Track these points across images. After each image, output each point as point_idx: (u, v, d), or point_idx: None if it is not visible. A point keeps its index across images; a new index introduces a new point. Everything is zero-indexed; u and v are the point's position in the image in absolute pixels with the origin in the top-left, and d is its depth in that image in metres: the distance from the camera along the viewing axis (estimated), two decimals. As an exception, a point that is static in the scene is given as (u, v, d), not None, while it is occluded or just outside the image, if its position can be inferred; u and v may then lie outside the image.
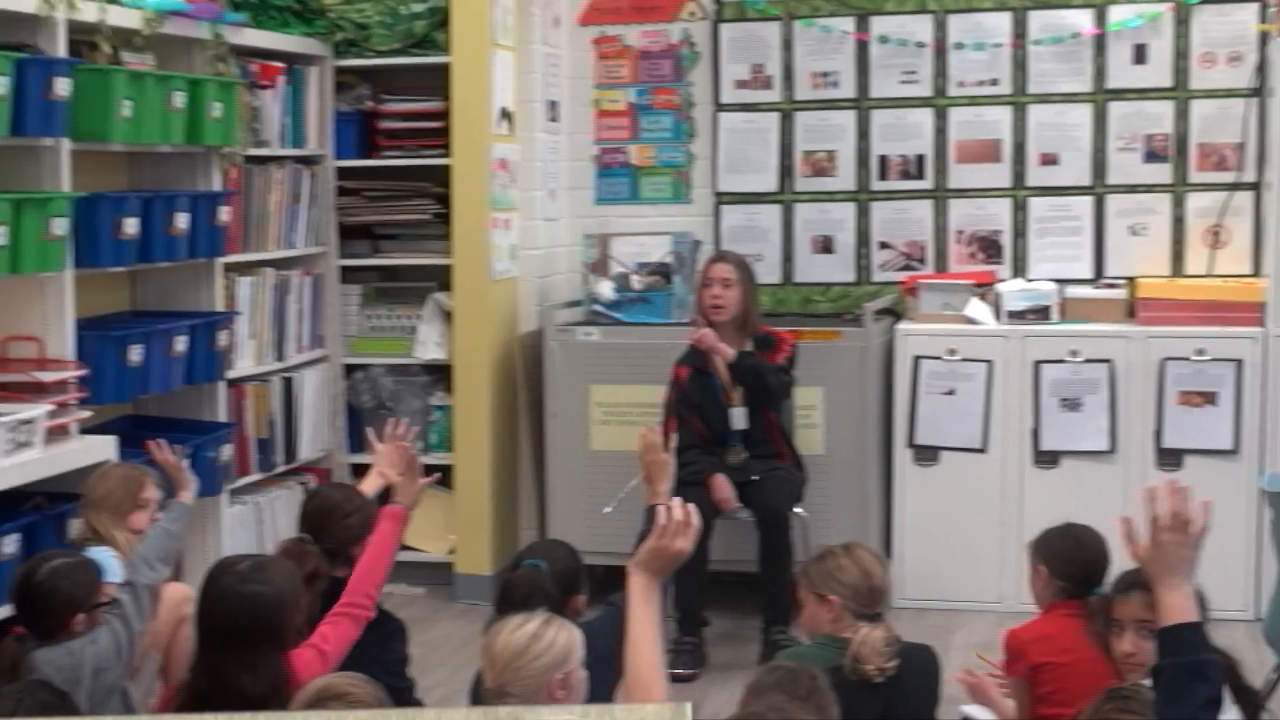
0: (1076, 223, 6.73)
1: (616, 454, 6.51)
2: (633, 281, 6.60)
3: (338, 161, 6.71)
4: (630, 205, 7.10)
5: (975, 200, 6.80)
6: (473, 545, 6.59)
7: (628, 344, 6.50)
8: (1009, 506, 6.31)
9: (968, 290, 6.50)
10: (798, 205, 6.96)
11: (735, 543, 6.17)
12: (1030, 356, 6.29)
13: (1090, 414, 6.24)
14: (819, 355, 6.30)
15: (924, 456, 6.38)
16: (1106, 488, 6.21)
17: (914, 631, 5.70)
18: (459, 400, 6.59)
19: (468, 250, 6.51)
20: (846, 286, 6.92)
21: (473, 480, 6.57)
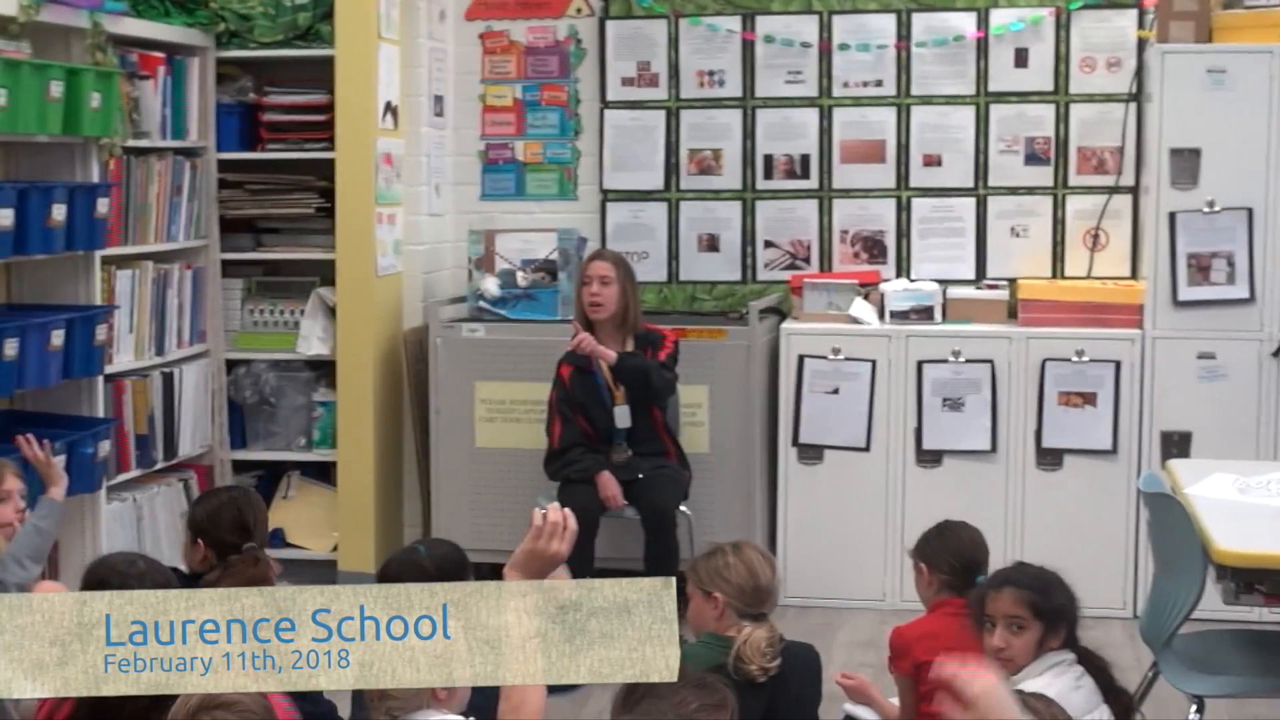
0: (959, 224, 6.78)
1: (501, 451, 6.49)
2: (518, 278, 6.56)
3: (220, 154, 6.61)
4: (516, 201, 7.06)
5: (859, 200, 6.84)
6: (356, 543, 6.52)
7: (513, 341, 6.46)
8: (892, 505, 6.35)
9: (852, 290, 6.53)
10: (683, 203, 6.96)
11: (621, 540, 6.15)
12: (913, 356, 6.33)
13: (972, 414, 6.29)
14: (704, 353, 6.30)
15: (808, 455, 6.41)
16: (988, 487, 6.27)
17: (798, 629, 5.73)
18: (343, 396, 6.52)
19: (352, 245, 6.44)
20: (732, 285, 6.93)
21: (356, 477, 6.51)
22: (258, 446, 6.79)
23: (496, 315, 6.54)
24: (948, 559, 4.31)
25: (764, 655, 3.69)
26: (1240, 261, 6.09)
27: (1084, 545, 6.15)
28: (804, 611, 6.31)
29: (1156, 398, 6.19)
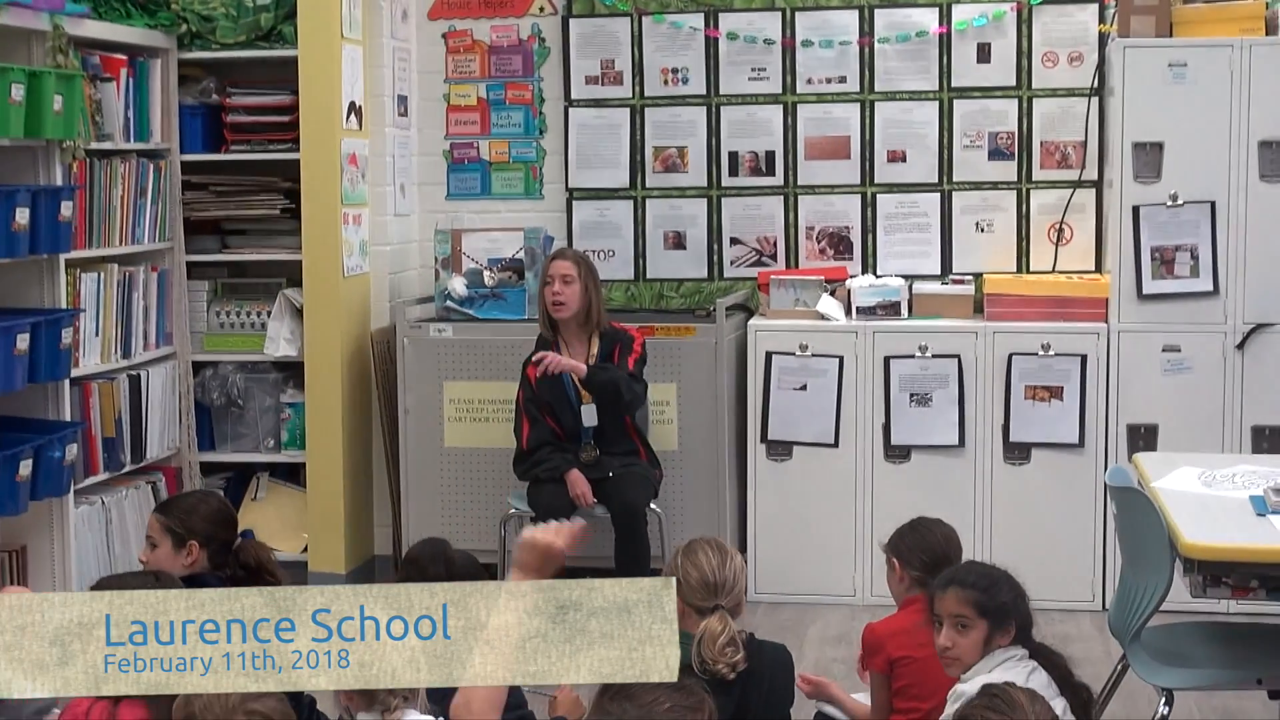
0: (924, 219, 6.79)
1: (470, 451, 6.47)
2: (485, 277, 6.55)
3: (184, 155, 6.57)
4: (482, 200, 7.04)
5: (825, 197, 6.84)
6: (326, 544, 6.50)
7: (481, 340, 6.45)
8: (861, 500, 6.35)
9: (819, 286, 6.53)
10: (649, 201, 6.94)
11: (591, 539, 6.13)
12: (880, 352, 6.33)
13: (939, 409, 6.29)
14: (672, 351, 6.30)
15: (777, 451, 6.41)
16: (956, 481, 6.28)
17: (768, 626, 5.73)
18: (311, 398, 6.49)
19: (318, 246, 6.42)
20: (699, 282, 6.93)
21: (326, 478, 6.48)
22: (226, 448, 6.77)
23: (464, 315, 6.52)
24: (919, 555, 4.31)
25: (724, 650, 3.68)
26: (1204, 254, 6.12)
27: (1052, 539, 6.17)
28: (775, 608, 6.31)
29: (1122, 391, 6.21)
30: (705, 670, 3.66)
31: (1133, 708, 4.56)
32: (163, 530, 4.36)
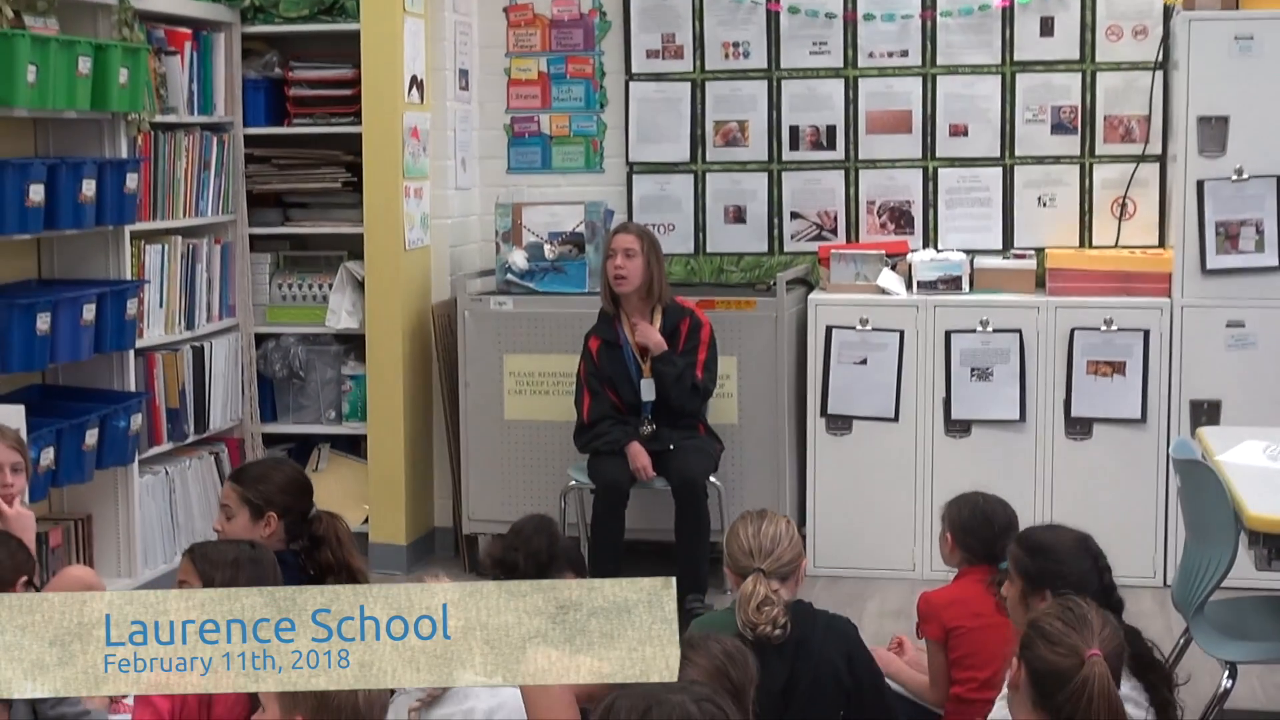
0: (986, 194, 6.75)
1: (530, 424, 6.49)
2: (546, 251, 6.55)
3: (247, 129, 6.61)
4: (543, 174, 7.05)
5: (886, 171, 6.81)
6: (387, 515, 6.54)
7: (541, 313, 6.46)
8: (921, 475, 6.34)
9: (879, 260, 6.51)
10: (709, 175, 6.94)
11: (651, 512, 6.15)
12: (941, 326, 6.31)
13: (1000, 383, 6.27)
14: (732, 325, 6.29)
15: (837, 426, 6.40)
16: (1016, 456, 6.25)
17: (827, 599, 5.73)
18: (372, 370, 6.52)
19: (380, 219, 6.44)
20: (759, 256, 6.91)
21: (387, 450, 6.52)
22: (288, 420, 6.81)
23: (524, 288, 6.54)
24: (971, 539, 4.30)
25: (761, 610, 3.69)
26: (1269, 229, 6.06)
27: (1113, 514, 6.14)
28: (834, 582, 6.31)
29: (1185, 366, 6.16)
30: (752, 633, 3.69)
31: (1195, 682, 4.53)
32: (239, 500, 4.27)
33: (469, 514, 6.55)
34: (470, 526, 6.57)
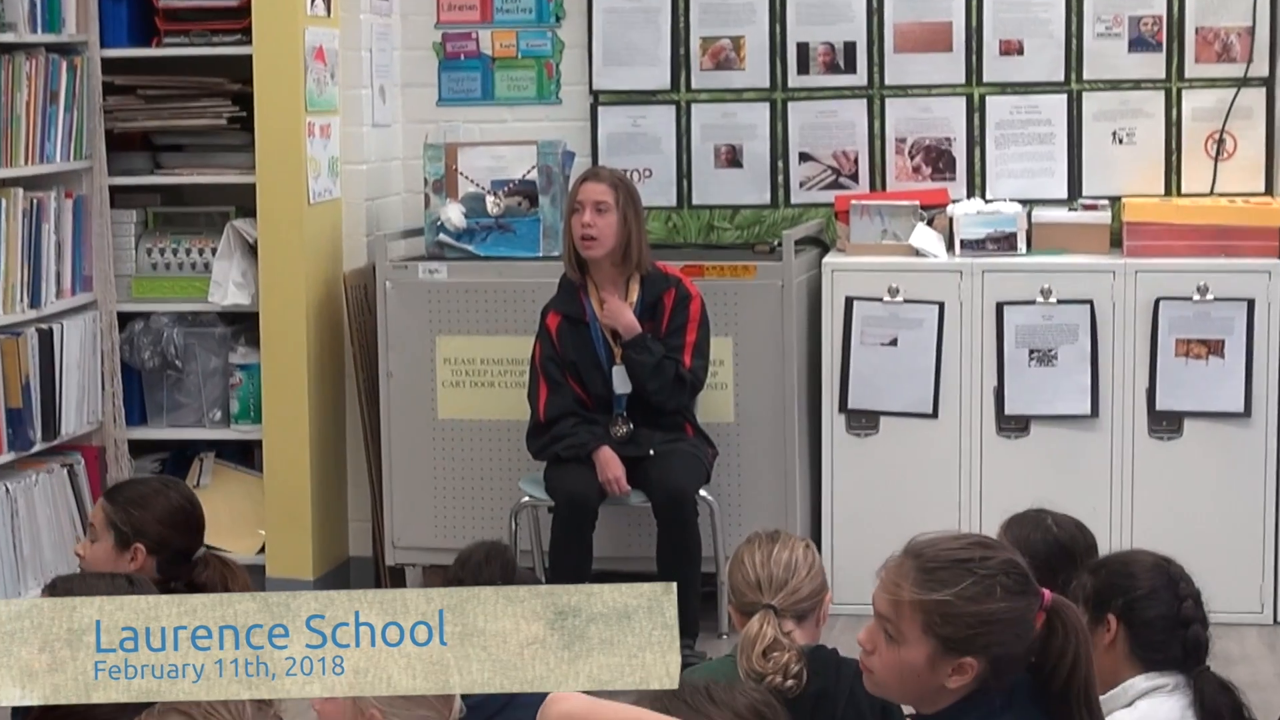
0: (1047, 128, 6.84)
1: (471, 424, 6.56)
2: (489, 204, 6.60)
3: (105, 51, 6.64)
4: (484, 107, 7.12)
5: (920, 99, 6.89)
6: (289, 543, 6.62)
7: (484, 284, 6.53)
8: (966, 486, 6.43)
9: (912, 214, 6.58)
10: (696, 106, 7.01)
11: (626, 535, 6.25)
12: (991, 297, 6.39)
13: (1066, 369, 6.35)
14: (726, 297, 6.36)
15: (860, 424, 6.49)
16: (1088, 461, 6.35)
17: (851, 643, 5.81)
18: (268, 358, 6.60)
19: (276, 165, 6.50)
20: (759, 210, 7.00)
21: (288, 460, 6.60)
22: (161, 422, 6.88)
23: (462, 252, 6.60)
24: (1038, 558, 4.36)
25: (770, 656, 3.77)
26: (1404, 171, 6.17)
27: (1210, 532, 6.21)
28: (858, 622, 6.35)
29: (1300, 345, 6.28)
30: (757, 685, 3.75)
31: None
32: (106, 522, 4.37)
33: (394, 540, 6.64)
34: (396, 556, 6.66)
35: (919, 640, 2.97)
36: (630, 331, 6.00)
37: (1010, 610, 2.97)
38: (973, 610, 2.96)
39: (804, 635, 3.84)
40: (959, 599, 2.96)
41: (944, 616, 2.96)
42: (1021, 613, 2.98)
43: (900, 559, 3.15)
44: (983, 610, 2.96)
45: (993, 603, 2.96)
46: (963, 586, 2.97)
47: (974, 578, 2.98)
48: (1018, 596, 2.98)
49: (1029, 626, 2.98)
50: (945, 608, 2.96)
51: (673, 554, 5.93)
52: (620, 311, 6.02)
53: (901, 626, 3.00)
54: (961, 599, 2.96)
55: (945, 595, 2.97)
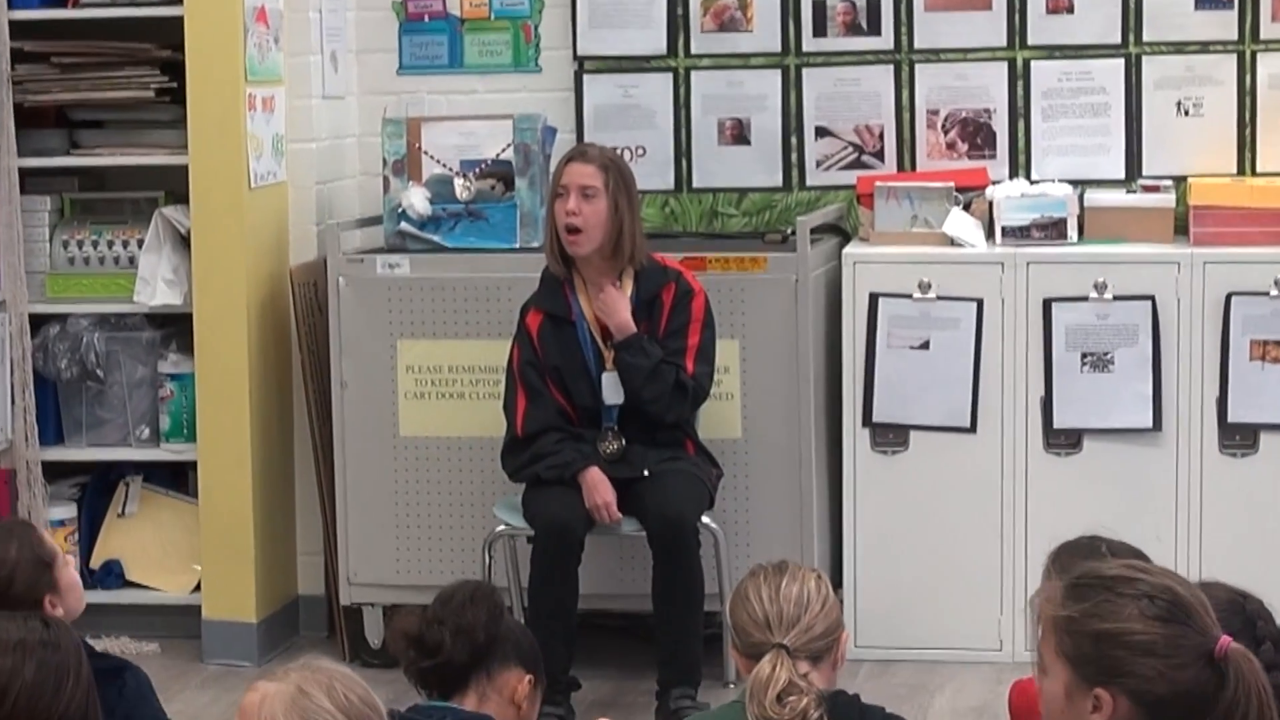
0: (1101, 97, 6.86)
1: (437, 442, 6.56)
2: (458, 188, 6.61)
3: (13, 13, 6.64)
4: (452, 75, 7.14)
5: (955, 65, 6.91)
6: (228, 580, 6.62)
7: (452, 280, 6.52)
8: (1009, 510, 6.43)
9: (946, 197, 6.59)
10: (696, 74, 7.03)
11: (617, 568, 6.26)
12: (1038, 293, 6.39)
13: (1125, 376, 6.35)
14: (732, 294, 6.37)
15: (887, 440, 6.49)
16: (1150, 481, 6.35)
17: (876, 692, 5.82)
18: (204, 366, 6.60)
19: (212, 144, 6.51)
20: (770, 193, 7.02)
21: (227, 484, 6.60)
22: (79, 441, 6.89)
23: (427, 243, 6.61)
24: None
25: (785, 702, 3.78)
26: None
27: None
28: (885, 668, 6.39)
29: (1395, 346, 6.29)
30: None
31: None
32: None
33: (349, 576, 6.63)
34: (352, 595, 6.65)
35: (1055, 665, 3.06)
36: (623, 331, 6.01)
37: (1148, 637, 2.99)
38: (1099, 628, 3.00)
39: (819, 679, 3.85)
40: (1084, 614, 3.02)
41: (1070, 633, 3.03)
42: (1167, 644, 2.99)
43: (1054, 578, 3.23)
44: (1110, 629, 3.00)
45: (1124, 622, 2.99)
46: (1094, 603, 3.02)
47: (1110, 594, 3.02)
48: (1163, 624, 3.00)
49: (1182, 666, 2.99)
50: (1072, 623, 3.02)
51: (671, 591, 5.92)
52: (617, 304, 6.01)
53: (1043, 650, 3.09)
54: (1087, 614, 3.01)
55: (1073, 610, 3.03)
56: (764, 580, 3.90)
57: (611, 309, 6.00)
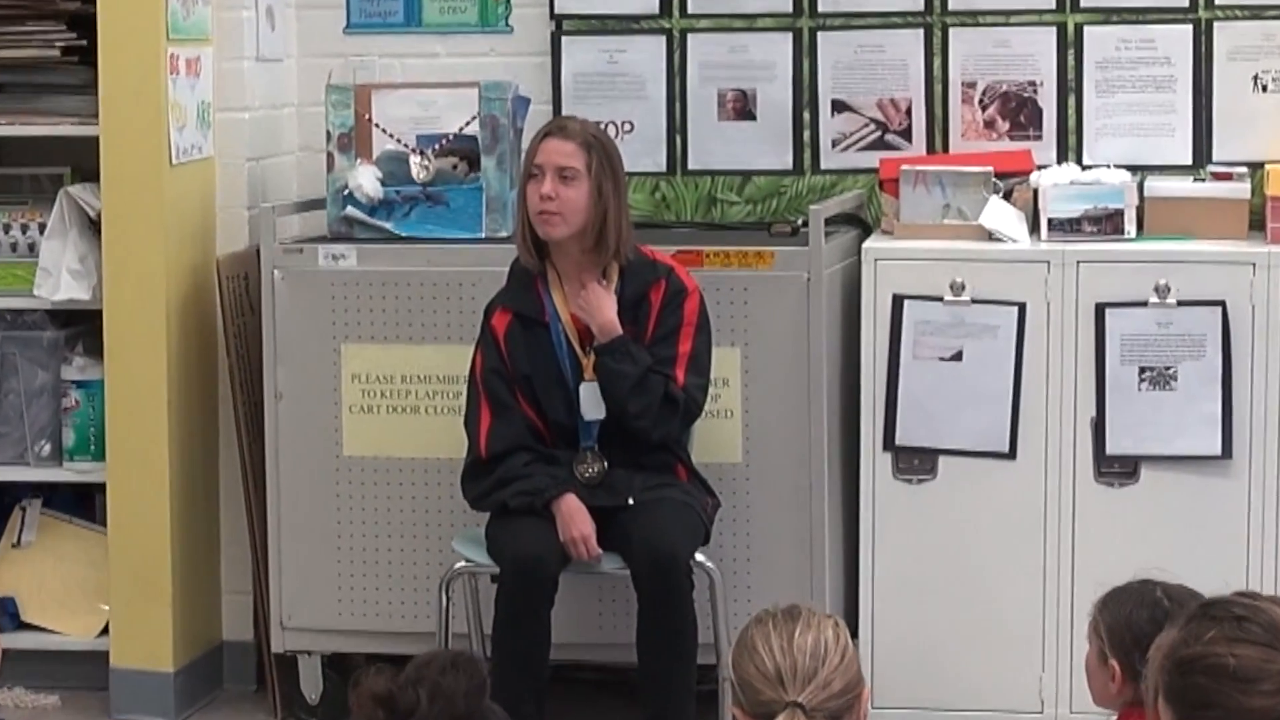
0: (1165, 70, 6.92)
1: (387, 463, 6.61)
2: (414, 168, 6.66)
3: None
4: (408, 34, 7.20)
5: (994, 30, 6.97)
6: (141, 622, 6.66)
7: (406, 274, 6.58)
8: (1054, 550, 6.46)
9: (983, 183, 6.64)
10: (693, 37, 7.10)
11: (597, 613, 6.33)
12: (1090, 296, 6.43)
13: (1189, 394, 6.38)
14: (734, 293, 6.42)
15: (912, 466, 6.53)
16: (1218, 516, 6.38)
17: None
18: (115, 373, 6.65)
19: (127, 113, 6.57)
20: (778, 177, 7.09)
21: (140, 510, 6.65)
22: (-32, 458, 6.94)
23: (377, 231, 6.66)
24: (1147, 643, 4.42)
25: None
26: None
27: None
28: (906, 730, 6.47)
29: None
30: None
31: None
32: None
33: (283, 619, 6.68)
34: (286, 641, 6.69)
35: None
36: (607, 332, 6.03)
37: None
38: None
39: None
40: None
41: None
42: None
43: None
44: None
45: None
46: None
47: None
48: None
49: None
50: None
51: (658, 640, 5.95)
52: (601, 301, 6.04)
53: None
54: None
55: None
56: (773, 628, 3.90)
57: (595, 306, 6.03)
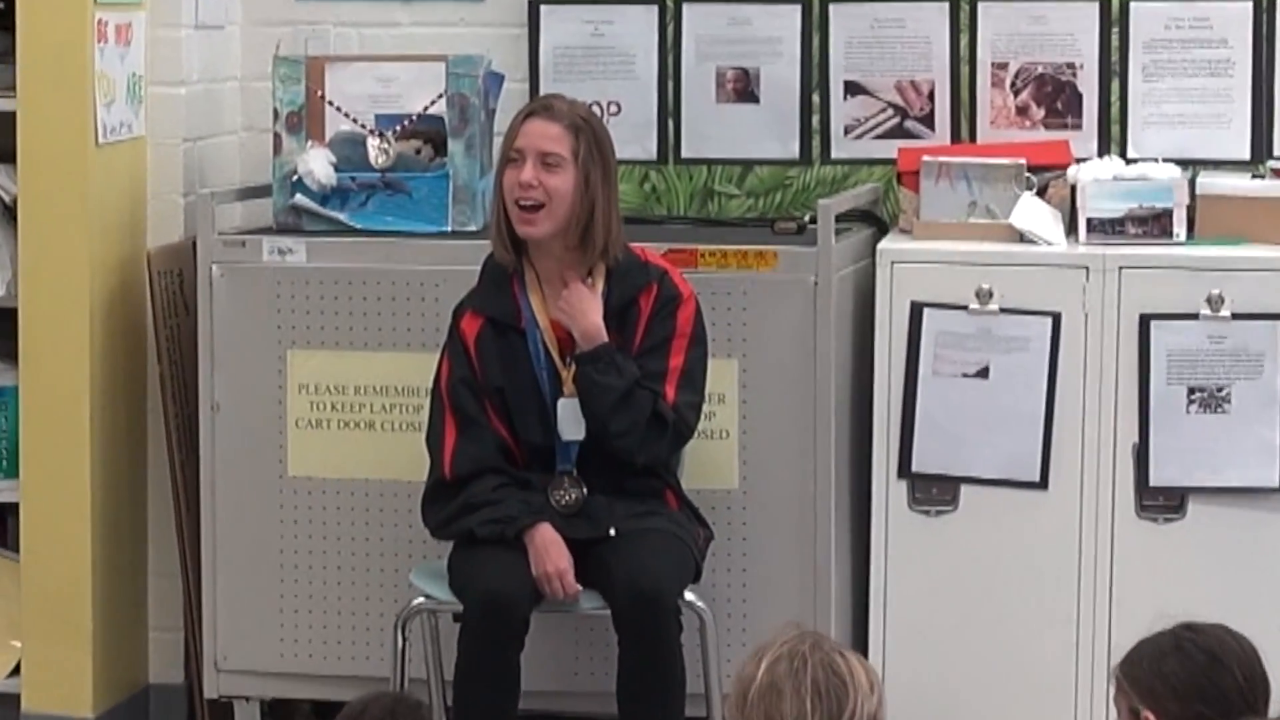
0: (1220, 53, 7.04)
1: (337, 484, 6.71)
2: (372, 151, 6.77)
3: None
4: (367, 1, 7.30)
5: (1030, 5, 7.08)
6: (57, 662, 6.74)
7: (362, 271, 6.67)
8: (1090, 589, 6.55)
9: (1015, 178, 6.74)
10: (689, 8, 7.21)
11: (574, 656, 6.45)
12: (1133, 306, 6.51)
13: (1244, 418, 6.47)
14: (732, 298, 6.52)
15: (930, 496, 6.63)
16: (1274, 556, 6.46)
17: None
18: (31, 379, 6.75)
19: (47, 86, 6.68)
20: (783, 167, 7.21)
21: (58, 535, 6.74)
22: None
23: (330, 222, 6.77)
24: (1191, 697, 4.54)
25: None
26: None
27: None
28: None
29: None
30: None
31: None
32: None
33: (217, 661, 6.76)
34: (221, 685, 6.78)
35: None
36: (591, 339, 6.08)
37: None
38: None
39: None
40: None
41: None
42: None
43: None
44: None
45: None
46: None
47: None
48: None
49: None
50: None
51: (642, 687, 6.00)
52: (585, 305, 6.09)
53: None
54: None
55: None
56: (794, 669, 3.92)
57: (578, 309, 6.07)
